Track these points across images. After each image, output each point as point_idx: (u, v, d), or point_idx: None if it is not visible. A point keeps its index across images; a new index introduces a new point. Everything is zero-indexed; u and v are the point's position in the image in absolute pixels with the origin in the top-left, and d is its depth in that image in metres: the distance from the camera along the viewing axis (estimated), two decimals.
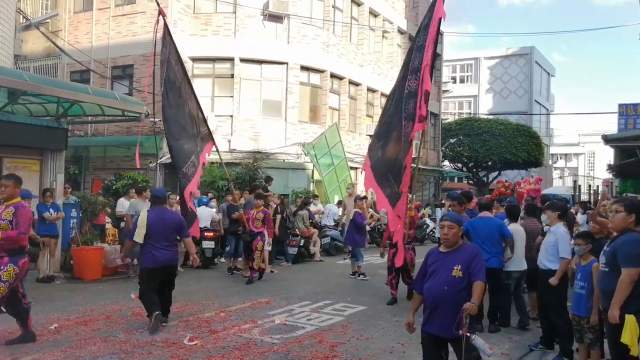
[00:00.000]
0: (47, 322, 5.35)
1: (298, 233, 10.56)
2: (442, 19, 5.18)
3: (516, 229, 5.79)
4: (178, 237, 5.55)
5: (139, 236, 5.27)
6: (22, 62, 14.29)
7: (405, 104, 5.26)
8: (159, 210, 5.46)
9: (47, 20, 15.29)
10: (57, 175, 8.56)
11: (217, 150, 7.24)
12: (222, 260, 9.20)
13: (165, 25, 6.72)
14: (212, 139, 7.11)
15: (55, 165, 8.53)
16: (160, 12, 6.63)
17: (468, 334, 3.02)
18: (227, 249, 9.02)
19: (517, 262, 5.81)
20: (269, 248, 9.44)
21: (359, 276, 8.55)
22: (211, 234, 9.38)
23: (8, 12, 9.14)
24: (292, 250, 10.34)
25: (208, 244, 9.33)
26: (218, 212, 9.82)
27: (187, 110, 6.86)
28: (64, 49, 13.34)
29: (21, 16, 12.87)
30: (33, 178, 8.29)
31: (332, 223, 11.88)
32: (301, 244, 10.44)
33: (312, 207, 11.56)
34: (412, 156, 5.51)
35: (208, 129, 7.09)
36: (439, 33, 5.31)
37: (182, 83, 6.81)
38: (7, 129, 7.58)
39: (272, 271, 9.10)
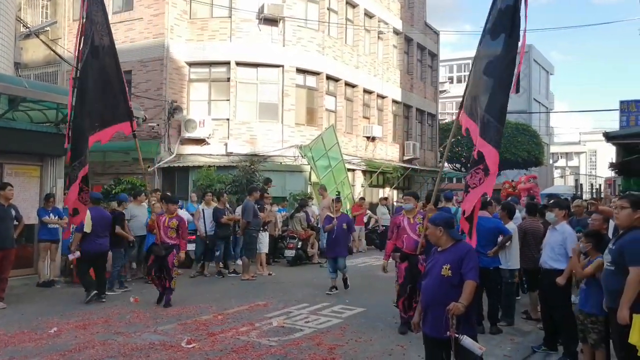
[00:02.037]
0: (47, 326, 5.41)
1: (296, 235, 10.61)
2: None
3: (511, 227, 5.80)
4: None
5: (87, 227, 6.51)
6: (22, 70, 14.36)
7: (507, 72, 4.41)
8: (97, 208, 6.92)
9: (47, 28, 15.37)
10: (57, 180, 8.64)
11: (135, 136, 6.32)
12: (212, 264, 9.26)
13: None
14: (131, 119, 6.28)
15: (55, 170, 8.61)
16: None
17: (456, 335, 2.95)
18: (217, 253, 9.09)
19: (516, 261, 5.84)
20: (266, 251, 9.50)
21: (332, 289, 7.37)
22: (192, 237, 9.28)
23: (8, 20, 9.23)
24: (290, 253, 10.39)
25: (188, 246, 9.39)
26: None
27: (102, 84, 6.20)
28: (63, 57, 13.42)
29: (21, 25, 12.95)
30: (33, 184, 8.37)
31: None
32: (299, 247, 10.50)
33: (308, 209, 11.53)
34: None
35: (129, 108, 6.28)
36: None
37: (107, 52, 6.35)
38: (8, 135, 7.67)
39: (269, 274, 9.16)
